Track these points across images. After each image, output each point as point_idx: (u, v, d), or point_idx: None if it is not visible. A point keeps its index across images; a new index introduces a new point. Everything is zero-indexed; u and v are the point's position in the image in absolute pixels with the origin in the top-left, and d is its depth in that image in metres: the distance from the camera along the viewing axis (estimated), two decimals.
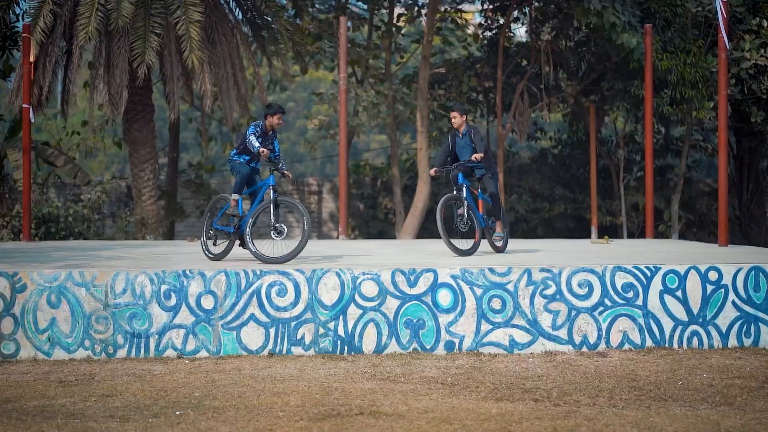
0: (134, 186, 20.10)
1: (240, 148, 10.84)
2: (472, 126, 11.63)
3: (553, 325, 9.43)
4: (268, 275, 9.35)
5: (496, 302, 9.41)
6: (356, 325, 9.32)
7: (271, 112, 10.76)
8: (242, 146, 10.79)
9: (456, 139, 11.62)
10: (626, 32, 18.93)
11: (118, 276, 9.28)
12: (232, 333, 9.27)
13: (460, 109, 11.68)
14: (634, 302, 9.53)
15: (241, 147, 10.81)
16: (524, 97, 23.02)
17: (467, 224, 11.36)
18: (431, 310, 9.37)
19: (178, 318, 9.26)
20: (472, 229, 11.50)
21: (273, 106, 10.83)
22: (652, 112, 18.06)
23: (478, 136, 11.51)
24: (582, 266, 9.55)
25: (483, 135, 11.49)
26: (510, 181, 24.64)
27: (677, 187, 22.86)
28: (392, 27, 24.16)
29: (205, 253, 11.05)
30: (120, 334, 9.24)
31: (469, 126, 11.59)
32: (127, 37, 18.00)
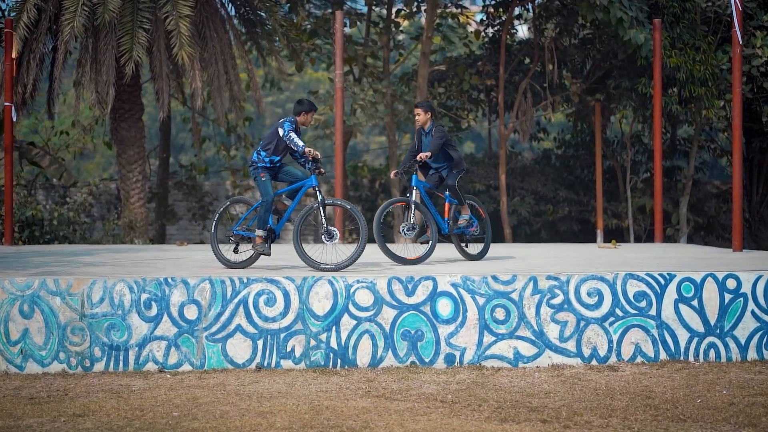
0: (122, 188, 19.61)
1: (269, 148, 10.05)
2: (437, 123, 10.95)
3: (561, 337, 8.95)
4: (256, 283, 8.87)
5: (499, 312, 8.94)
6: (350, 336, 8.84)
7: (305, 109, 10.18)
8: (271, 145, 10.03)
9: (421, 137, 10.97)
10: (633, 28, 18.44)
11: (96, 284, 8.79)
12: (217, 345, 8.80)
13: (424, 105, 11.00)
14: (646, 312, 9.05)
15: (270, 146, 10.03)
16: (527, 95, 22.53)
17: (413, 230, 10.69)
18: (430, 321, 8.89)
19: (159, 329, 8.78)
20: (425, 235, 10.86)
21: (305, 102, 10.24)
22: (661, 110, 17.57)
23: (438, 134, 10.76)
24: (591, 274, 9.06)
25: (445, 133, 10.78)
26: (512, 183, 24.15)
27: (685, 188, 22.38)
28: (391, 23, 23.67)
29: (222, 261, 10.30)
30: (97, 347, 8.76)
31: (434, 123, 10.93)
32: (114, 33, 17.51)
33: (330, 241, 9.81)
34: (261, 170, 10.04)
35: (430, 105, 11.08)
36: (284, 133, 9.96)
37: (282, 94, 53.35)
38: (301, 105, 10.24)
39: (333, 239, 9.82)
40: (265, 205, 9.96)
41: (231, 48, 19.64)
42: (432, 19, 21.78)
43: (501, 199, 22.68)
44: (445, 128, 11.13)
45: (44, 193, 25.15)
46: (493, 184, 23.84)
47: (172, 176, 25.83)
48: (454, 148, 11.02)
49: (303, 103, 10.25)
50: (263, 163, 10.06)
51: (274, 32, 19.92)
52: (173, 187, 25.47)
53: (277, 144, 10.04)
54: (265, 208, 9.96)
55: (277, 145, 10.04)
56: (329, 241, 9.81)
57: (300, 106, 10.23)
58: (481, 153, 28.26)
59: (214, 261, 10.97)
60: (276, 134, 10.04)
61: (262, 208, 9.98)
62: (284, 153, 10.13)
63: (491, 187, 23.93)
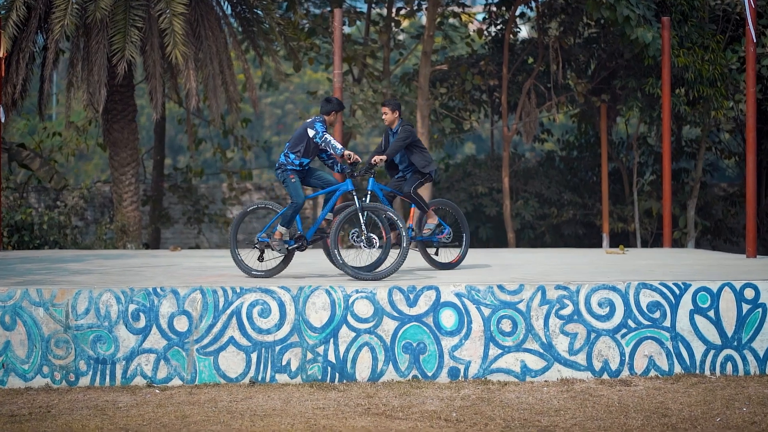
0: (114, 191, 19.24)
1: (299, 150, 9.58)
2: (404, 123, 10.39)
3: (570, 350, 8.59)
4: (250, 293, 8.52)
5: (506, 323, 8.58)
6: (349, 349, 8.49)
7: (334, 108, 9.77)
8: (301, 147, 9.57)
9: (389, 137, 10.46)
10: (641, 26, 18.10)
11: (81, 294, 8.44)
12: (208, 359, 8.44)
13: (391, 104, 10.44)
14: (660, 323, 8.70)
15: (300, 148, 9.57)
16: (531, 96, 22.17)
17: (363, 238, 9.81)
18: (433, 333, 8.54)
19: (147, 341, 8.43)
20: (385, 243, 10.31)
21: (334, 101, 9.82)
22: (670, 110, 17.22)
23: (402, 134, 10.20)
24: (602, 283, 8.71)
25: (411, 134, 10.26)
26: (516, 186, 23.79)
27: (693, 191, 22.03)
28: (391, 22, 23.32)
29: (244, 269, 9.78)
30: (82, 360, 8.41)
31: (401, 123, 10.37)
32: (106, 31, 17.13)
33: (370, 248, 9.40)
34: (290, 172, 9.61)
35: (397, 104, 10.50)
36: (318, 134, 9.52)
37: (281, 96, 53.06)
38: (331, 104, 9.80)
39: (373, 246, 9.41)
40: (294, 207, 9.54)
41: (227, 47, 19.28)
42: (433, 17, 21.42)
43: (504, 203, 22.33)
44: (413, 129, 10.51)
45: (36, 197, 24.79)
46: (496, 187, 23.48)
47: (166, 179, 25.45)
48: (420, 150, 10.39)
49: (332, 101, 9.82)
50: (293, 166, 9.62)
51: (271, 31, 19.55)
52: (168, 190, 25.09)
53: (307, 146, 9.60)
54: (294, 209, 9.55)
55: (307, 147, 9.60)
56: (369, 248, 9.40)
57: (329, 104, 9.79)
58: (483, 155, 27.88)
59: (206, 268, 10.64)
60: (305, 135, 9.59)
61: (291, 209, 9.55)
62: (314, 155, 9.74)
63: (494, 190, 23.56)
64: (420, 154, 10.37)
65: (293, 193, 9.56)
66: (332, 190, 9.78)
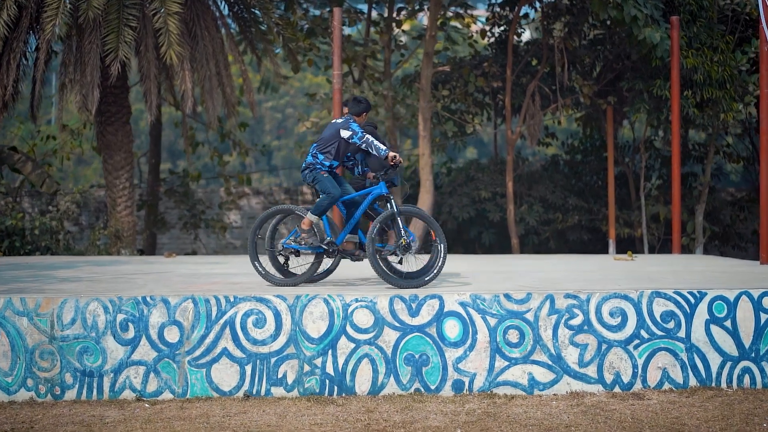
0: (108, 195, 18.93)
1: (329, 151, 9.21)
2: (368, 122, 10.03)
3: (581, 362, 8.27)
4: (244, 302, 8.20)
5: (512, 334, 8.26)
6: (348, 361, 8.17)
7: (365, 108, 9.40)
8: (332, 149, 9.20)
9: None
10: (648, 27, 17.81)
11: (67, 303, 8.12)
12: (200, 371, 8.12)
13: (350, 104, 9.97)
14: (675, 334, 8.38)
15: (331, 150, 9.21)
16: (535, 98, 21.86)
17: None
18: (436, 344, 8.22)
19: (136, 353, 8.11)
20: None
21: (364, 101, 9.44)
22: (679, 112, 16.91)
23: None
24: (614, 291, 8.39)
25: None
26: (519, 190, 23.48)
27: (701, 196, 21.72)
28: (392, 22, 23.01)
29: (266, 277, 9.35)
30: (68, 373, 8.09)
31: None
32: (99, 31, 16.83)
33: (407, 254, 9.05)
34: (320, 169, 9.22)
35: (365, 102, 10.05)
36: (357, 134, 9.12)
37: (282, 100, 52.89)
38: (362, 104, 9.42)
39: (410, 252, 9.07)
40: (331, 198, 9.14)
41: (223, 48, 18.97)
42: (435, 17, 21.10)
43: (508, 208, 22.02)
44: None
45: (30, 201, 24.49)
46: (500, 192, 23.17)
47: (163, 183, 25.14)
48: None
49: (362, 101, 9.44)
50: (322, 167, 9.25)
51: (269, 31, 19.25)
52: (164, 195, 24.79)
53: (339, 148, 9.23)
54: (330, 200, 9.15)
55: (338, 150, 9.23)
56: (406, 254, 9.05)
57: (360, 105, 9.41)
58: (485, 159, 27.58)
59: (200, 276, 10.33)
60: (337, 137, 9.20)
61: (327, 200, 9.14)
62: (344, 159, 9.41)
63: (498, 195, 23.26)
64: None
65: (328, 186, 9.15)
66: (364, 193, 9.43)
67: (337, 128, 9.23)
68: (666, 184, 23.00)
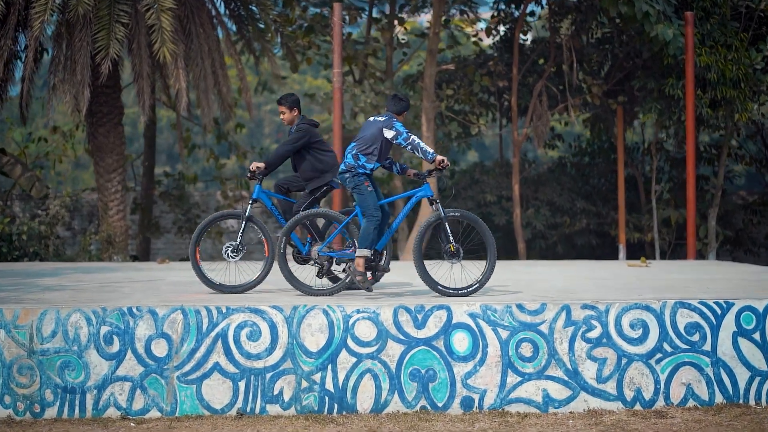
0: (100, 199, 18.47)
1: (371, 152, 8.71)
2: (302, 121, 9.40)
3: (599, 377, 7.81)
4: (237, 313, 7.74)
5: (526, 348, 7.80)
6: (349, 377, 7.72)
7: (405, 107, 8.91)
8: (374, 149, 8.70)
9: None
10: (661, 23, 17.37)
11: (47, 314, 7.67)
12: (190, 387, 7.66)
13: (287, 101, 9.45)
14: (700, 347, 7.92)
15: (374, 151, 8.71)
16: (542, 98, 21.42)
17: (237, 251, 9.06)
18: (444, 358, 7.77)
19: (122, 368, 7.66)
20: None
21: (405, 99, 8.93)
22: (694, 112, 16.46)
23: (294, 135, 9.28)
24: (635, 302, 7.92)
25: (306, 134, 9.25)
26: (526, 193, 23.03)
27: (714, 199, 21.27)
28: (394, 19, 22.55)
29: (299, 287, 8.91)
30: (49, 389, 7.64)
31: (300, 121, 9.40)
32: (90, 28, 16.37)
33: (455, 260, 8.61)
34: (363, 177, 8.72)
35: (295, 100, 9.50)
36: (402, 134, 8.65)
37: None
38: (402, 102, 8.92)
39: (458, 258, 8.62)
40: (375, 221, 8.62)
41: (219, 46, 18.53)
42: (439, 14, 20.66)
43: (514, 211, 21.59)
44: (310, 128, 9.39)
45: (21, 205, 24.04)
46: (506, 195, 22.74)
47: (157, 186, 24.69)
48: (316, 156, 9.31)
49: (403, 99, 8.94)
50: (364, 170, 8.74)
51: (267, 29, 18.81)
52: (159, 198, 24.34)
53: (381, 148, 8.73)
54: (375, 224, 8.63)
55: (381, 150, 8.73)
56: (454, 260, 8.61)
57: (401, 103, 8.91)
58: (490, 161, 27.15)
59: (192, 284, 9.88)
60: (380, 137, 8.71)
61: (371, 224, 8.62)
62: (384, 159, 8.91)
63: (503, 198, 22.82)
64: (312, 161, 9.32)
65: (370, 205, 8.65)
66: (406, 196, 8.99)
67: (380, 127, 8.75)
68: (676, 187, 22.59)
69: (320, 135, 9.45)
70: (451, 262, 8.64)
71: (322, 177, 9.28)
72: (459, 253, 8.62)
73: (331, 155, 9.37)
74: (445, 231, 8.63)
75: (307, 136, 9.26)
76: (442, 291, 8.53)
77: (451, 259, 8.62)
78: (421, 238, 8.66)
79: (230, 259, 9.09)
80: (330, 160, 9.33)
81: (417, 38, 24.86)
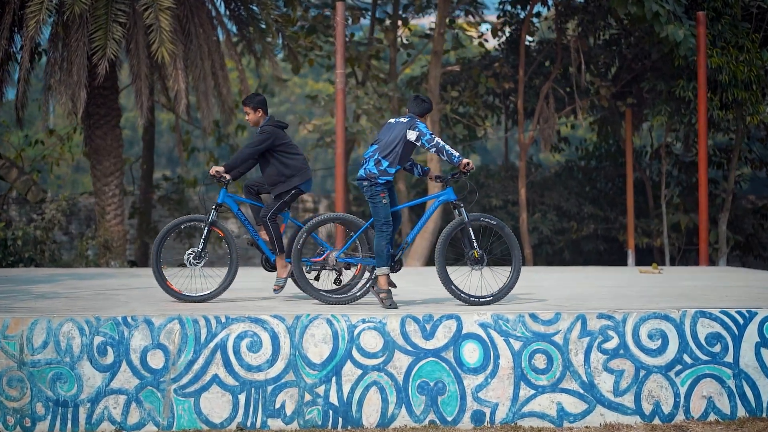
0: (97, 203, 18.19)
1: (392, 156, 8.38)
2: (268, 123, 9.03)
3: (616, 390, 7.52)
4: (237, 323, 7.45)
5: (539, 359, 7.51)
6: (354, 389, 7.43)
7: (428, 108, 8.62)
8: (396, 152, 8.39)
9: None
10: (671, 23, 17.09)
11: (38, 324, 7.38)
12: (188, 401, 7.38)
13: (252, 102, 9.10)
14: (721, 359, 7.63)
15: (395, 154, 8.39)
16: (549, 101, 21.14)
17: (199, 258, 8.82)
18: (453, 370, 7.48)
19: (116, 381, 7.37)
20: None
21: (427, 100, 8.63)
22: (706, 114, 16.18)
23: (257, 137, 8.94)
24: (653, 311, 7.63)
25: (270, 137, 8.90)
26: (532, 198, 22.75)
27: (725, 204, 20.99)
28: (398, 19, 22.27)
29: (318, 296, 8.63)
30: (40, 402, 7.35)
31: (265, 122, 9.04)
32: (86, 28, 16.10)
33: (478, 267, 8.35)
34: (381, 189, 8.40)
35: (260, 100, 9.13)
36: (425, 135, 8.35)
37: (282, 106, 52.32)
38: (425, 103, 8.61)
39: (481, 265, 8.36)
40: (386, 236, 8.34)
41: (219, 47, 18.26)
42: (444, 14, 20.39)
43: (521, 216, 21.31)
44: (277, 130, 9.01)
45: (18, 210, 23.76)
46: (511, 199, 22.45)
47: (156, 190, 24.42)
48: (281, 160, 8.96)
49: (426, 100, 8.64)
50: (385, 177, 8.41)
51: (268, 29, 18.53)
52: (158, 202, 24.06)
53: (403, 151, 8.43)
54: (387, 239, 8.34)
55: (402, 153, 8.43)
56: (477, 267, 8.35)
57: (424, 104, 8.60)
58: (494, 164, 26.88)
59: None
60: (402, 139, 8.40)
61: (383, 239, 8.32)
62: (405, 162, 8.62)
63: (509, 203, 22.54)
64: (277, 166, 8.97)
65: (382, 217, 8.36)
66: (428, 200, 8.77)
67: (403, 129, 8.45)
68: (685, 192, 22.33)
69: (288, 137, 9.09)
70: (475, 268, 8.38)
71: (289, 181, 8.95)
72: (483, 259, 8.34)
73: (298, 158, 9.02)
74: (468, 236, 8.37)
75: (271, 139, 8.90)
76: (464, 299, 8.27)
77: (474, 265, 8.35)
78: (444, 244, 8.37)
79: (192, 266, 8.83)
80: (297, 164, 8.98)
81: (421, 40, 24.61)
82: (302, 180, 8.96)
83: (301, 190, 8.99)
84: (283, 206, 8.95)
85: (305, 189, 9.04)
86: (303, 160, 9.06)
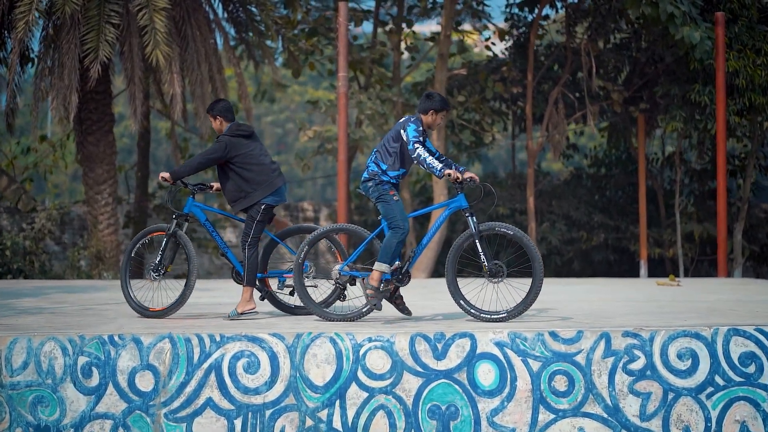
0: (89, 212, 17.83)
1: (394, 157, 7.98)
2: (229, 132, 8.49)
3: (642, 414, 7.10)
4: (232, 342, 7.03)
5: (560, 381, 7.08)
6: (359, 414, 7.03)
7: (435, 106, 8.00)
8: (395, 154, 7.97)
9: None
10: (687, 25, 16.72)
11: (17, 343, 6.98)
12: (180, 426, 6.98)
13: (212, 110, 8.60)
14: (756, 380, 7.21)
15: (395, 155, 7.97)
16: (559, 106, 20.77)
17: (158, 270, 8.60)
18: (467, 393, 7.07)
19: (102, 404, 6.98)
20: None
21: (436, 97, 8.05)
22: (725, 119, 15.79)
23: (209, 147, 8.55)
24: (682, 329, 7.19)
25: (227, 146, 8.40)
26: (541, 206, 22.37)
27: (740, 212, 20.63)
28: (402, 21, 21.91)
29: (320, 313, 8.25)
30: (20, 428, 6.98)
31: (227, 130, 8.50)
32: (78, 29, 15.77)
33: (495, 281, 7.93)
34: (388, 187, 7.97)
35: (221, 108, 8.59)
36: (409, 146, 7.85)
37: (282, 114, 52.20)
38: (431, 100, 8.04)
39: (497, 278, 7.94)
40: (401, 234, 7.89)
41: (217, 50, 17.91)
42: (450, 16, 20.03)
43: (529, 225, 20.95)
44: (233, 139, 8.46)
45: (9, 219, 23.41)
46: (519, 208, 22.08)
47: (151, 198, 24.07)
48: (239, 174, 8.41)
49: (434, 97, 8.07)
50: (389, 178, 8.00)
51: (267, 31, 18.18)
52: (153, 211, 23.70)
53: (405, 153, 7.98)
54: (400, 238, 7.89)
55: (405, 155, 7.99)
56: (494, 281, 7.94)
57: (429, 101, 8.03)
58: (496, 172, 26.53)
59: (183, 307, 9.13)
60: (400, 138, 7.96)
61: (395, 238, 7.88)
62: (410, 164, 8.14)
63: (516, 212, 22.16)
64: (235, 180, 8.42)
65: (397, 216, 7.90)
66: (440, 207, 8.33)
67: (398, 129, 8.01)
68: (698, 200, 21.96)
69: (250, 146, 8.44)
70: (491, 281, 7.98)
71: (249, 197, 8.37)
72: (502, 271, 7.93)
73: (260, 168, 8.40)
74: (483, 247, 7.96)
75: (223, 151, 8.32)
76: (475, 315, 7.87)
77: (491, 278, 7.94)
78: (456, 255, 7.96)
79: (151, 278, 8.45)
80: (258, 177, 8.37)
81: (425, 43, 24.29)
82: (266, 193, 8.37)
83: (269, 204, 8.42)
84: (260, 227, 8.43)
85: (274, 202, 8.45)
86: (264, 172, 8.42)
